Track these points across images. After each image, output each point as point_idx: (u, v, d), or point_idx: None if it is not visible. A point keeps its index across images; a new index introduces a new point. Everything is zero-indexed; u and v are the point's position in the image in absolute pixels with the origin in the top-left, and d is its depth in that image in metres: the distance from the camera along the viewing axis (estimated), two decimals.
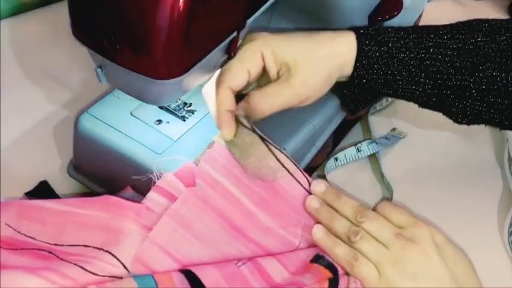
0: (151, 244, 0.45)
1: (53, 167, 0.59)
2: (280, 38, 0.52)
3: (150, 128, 0.53)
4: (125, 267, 0.45)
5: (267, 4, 0.47)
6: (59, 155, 0.60)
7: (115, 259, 0.45)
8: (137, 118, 0.54)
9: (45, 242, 0.46)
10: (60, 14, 0.48)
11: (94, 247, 0.45)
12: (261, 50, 0.50)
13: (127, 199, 0.48)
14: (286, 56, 0.50)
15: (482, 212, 0.58)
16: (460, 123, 0.55)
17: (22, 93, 0.67)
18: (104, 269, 0.44)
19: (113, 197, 0.48)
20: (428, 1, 0.73)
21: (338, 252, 0.48)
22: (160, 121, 0.54)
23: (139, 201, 0.48)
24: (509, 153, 0.62)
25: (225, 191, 0.49)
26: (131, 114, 0.54)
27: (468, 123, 0.55)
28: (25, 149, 0.61)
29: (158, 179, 0.48)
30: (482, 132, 0.66)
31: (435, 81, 0.52)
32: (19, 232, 0.47)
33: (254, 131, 0.50)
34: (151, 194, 0.48)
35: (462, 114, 0.54)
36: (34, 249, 0.46)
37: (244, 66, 0.50)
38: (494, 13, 0.85)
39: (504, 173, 0.62)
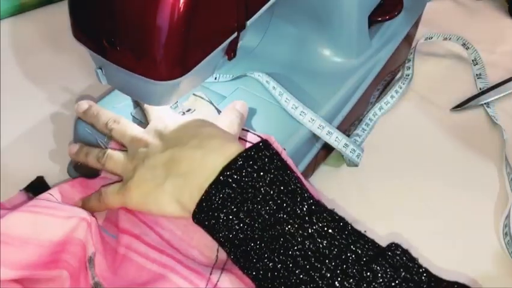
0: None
1: (52, 167, 0.59)
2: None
3: None
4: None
5: (268, 5, 0.47)
6: (59, 155, 0.60)
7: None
8: (137, 118, 0.54)
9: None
10: (61, 14, 0.48)
11: None
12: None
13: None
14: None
15: (479, 211, 0.58)
16: None
17: (22, 93, 0.67)
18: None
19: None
20: (428, 1, 0.73)
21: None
22: None
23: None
24: (506, 154, 0.62)
25: None
26: (131, 114, 0.54)
27: None
28: (25, 149, 0.61)
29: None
30: (480, 132, 0.66)
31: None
32: None
33: (211, 103, 0.54)
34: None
35: None
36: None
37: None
38: (494, 13, 0.85)
39: (501, 173, 0.62)
